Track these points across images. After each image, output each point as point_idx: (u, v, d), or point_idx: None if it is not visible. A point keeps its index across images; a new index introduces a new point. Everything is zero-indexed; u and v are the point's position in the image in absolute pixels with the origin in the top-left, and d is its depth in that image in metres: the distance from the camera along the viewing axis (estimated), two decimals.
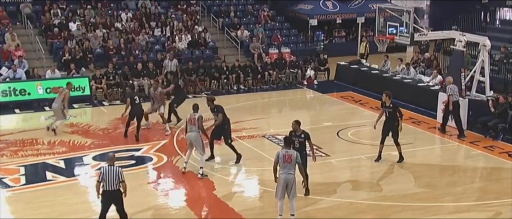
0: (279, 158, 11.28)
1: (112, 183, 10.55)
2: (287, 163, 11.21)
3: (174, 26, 26.36)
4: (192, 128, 13.97)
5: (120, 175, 10.57)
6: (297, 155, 11.31)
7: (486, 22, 30.12)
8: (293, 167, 11.26)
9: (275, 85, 23.83)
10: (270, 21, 28.80)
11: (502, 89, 21.11)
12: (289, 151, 11.30)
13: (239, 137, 16.83)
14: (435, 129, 18.00)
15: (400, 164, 14.86)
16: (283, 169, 11.28)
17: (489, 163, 15.30)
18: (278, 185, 11.34)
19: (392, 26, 19.06)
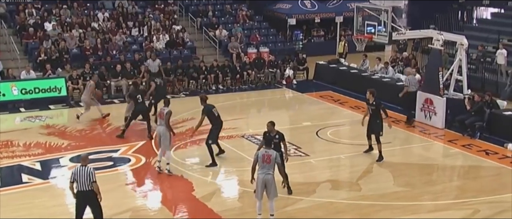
0: (258, 158, 11.28)
1: (83, 184, 10.45)
2: (266, 163, 11.22)
3: (152, 25, 26.24)
4: (161, 122, 14.13)
5: (91, 176, 10.40)
6: (277, 155, 11.32)
7: (463, 21, 30.45)
8: (272, 167, 11.27)
9: (253, 85, 23.84)
10: (249, 21, 28.81)
11: (479, 88, 21.35)
12: (268, 151, 11.31)
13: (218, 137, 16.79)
14: (414, 128, 18.15)
15: (379, 163, 14.97)
16: (262, 169, 11.29)
17: (467, 161, 15.47)
18: (257, 186, 11.36)
19: (370, 25, 19.17)
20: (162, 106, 14.45)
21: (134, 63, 22.82)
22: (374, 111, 14.98)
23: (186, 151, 15.96)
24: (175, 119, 18.34)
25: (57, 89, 21.07)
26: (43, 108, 20.05)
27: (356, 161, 15.19)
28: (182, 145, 16.26)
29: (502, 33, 24.64)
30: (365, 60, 23.83)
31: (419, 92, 18.66)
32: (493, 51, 23.26)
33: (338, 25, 29.23)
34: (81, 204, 10.67)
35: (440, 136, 17.40)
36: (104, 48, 24.18)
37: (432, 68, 18.37)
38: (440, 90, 17.95)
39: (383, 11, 18.63)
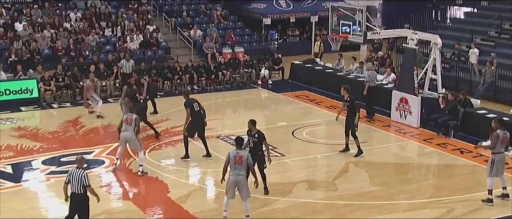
0: (230, 159, 11.28)
1: (76, 186, 10.38)
2: (238, 164, 11.22)
3: (125, 26, 26.07)
4: (127, 128, 14.17)
5: (84, 179, 10.36)
6: (248, 155, 11.31)
7: (437, 20, 30.78)
8: (243, 168, 11.28)
9: (229, 86, 23.82)
10: (223, 21, 28.77)
11: (453, 87, 21.59)
12: (240, 152, 11.31)
13: (194, 138, 16.73)
14: (389, 127, 18.28)
15: (358, 158, 15.07)
16: (233, 170, 11.30)
17: (442, 160, 15.62)
18: (229, 187, 11.37)
19: (345, 25, 19.25)
20: (128, 113, 14.44)
21: (107, 64, 22.64)
22: (349, 107, 15.16)
23: (161, 152, 15.89)
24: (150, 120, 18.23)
25: (29, 90, 20.81)
26: (14, 110, 19.79)
27: (333, 161, 15.25)
28: (157, 146, 16.17)
29: (475, 32, 25.01)
30: (340, 60, 23.93)
31: (394, 92, 18.81)
32: (467, 50, 23.52)
33: (313, 25, 29.32)
34: (72, 206, 10.60)
35: (415, 135, 17.55)
36: (77, 49, 23.96)
37: (407, 67, 18.52)
38: (415, 89, 18.10)
39: (358, 10, 18.74)
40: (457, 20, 29.47)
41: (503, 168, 12.59)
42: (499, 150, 12.41)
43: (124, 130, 14.19)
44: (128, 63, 21.98)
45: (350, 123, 15.18)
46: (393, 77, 21.08)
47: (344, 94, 15.33)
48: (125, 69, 21.84)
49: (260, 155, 12.62)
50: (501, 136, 12.34)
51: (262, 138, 12.60)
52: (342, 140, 15.67)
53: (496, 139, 12.35)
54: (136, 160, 15.01)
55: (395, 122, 18.64)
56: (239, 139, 11.58)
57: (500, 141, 12.35)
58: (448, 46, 23.72)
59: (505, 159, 12.75)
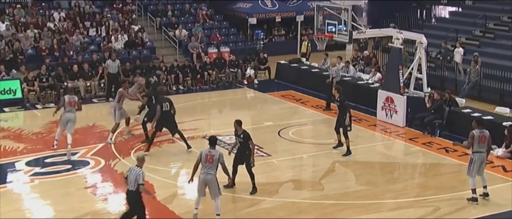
0: (202, 157, 11.36)
1: (131, 183, 10.69)
2: (209, 163, 11.34)
3: (110, 25, 25.97)
4: (72, 109, 15.32)
5: (139, 177, 10.61)
6: (220, 155, 11.39)
7: (423, 20, 30.99)
8: (214, 167, 11.39)
9: (214, 85, 23.81)
10: (209, 20, 28.75)
11: (439, 86, 21.75)
12: (212, 151, 11.43)
13: (179, 138, 16.73)
14: (375, 127, 18.38)
15: (346, 158, 15.16)
16: (204, 168, 11.45)
17: (427, 159, 15.73)
18: (199, 185, 11.50)
19: (331, 24, 19.29)
20: (73, 95, 15.54)
21: (92, 64, 22.54)
22: (339, 107, 15.32)
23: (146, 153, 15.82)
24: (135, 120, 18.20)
25: (12, 91, 20.68)
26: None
27: (319, 161, 15.30)
28: (142, 147, 16.12)
29: (460, 31, 25.20)
30: (326, 59, 23.99)
31: (379, 91, 18.90)
32: (452, 49, 23.68)
33: (299, 24, 29.38)
34: (128, 203, 10.89)
35: (401, 134, 17.66)
36: (61, 49, 23.83)
37: (393, 67, 18.61)
38: (401, 88, 18.21)
39: (343, 10, 18.79)
40: (442, 19, 29.68)
41: (482, 167, 12.58)
42: (478, 150, 12.45)
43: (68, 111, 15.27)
44: (114, 63, 21.84)
45: (341, 122, 15.38)
46: (378, 76, 21.18)
47: (335, 94, 15.67)
48: (111, 70, 21.73)
49: (247, 155, 12.69)
50: (476, 136, 12.40)
51: (247, 138, 12.65)
52: (328, 139, 15.75)
53: (472, 139, 12.42)
54: (122, 161, 15.01)
55: (381, 121, 18.73)
56: (212, 138, 11.69)
57: (477, 141, 12.40)
58: (433, 45, 23.91)
59: (486, 158, 12.71)
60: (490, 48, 24.03)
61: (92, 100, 21.30)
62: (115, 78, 21.25)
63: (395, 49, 18.63)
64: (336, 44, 26.54)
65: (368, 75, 21.76)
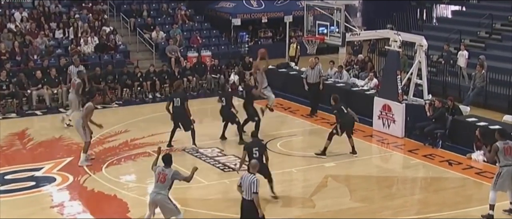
0: (154, 176, 11.43)
1: (246, 192, 10.94)
2: (160, 182, 11.34)
3: (79, 27, 25.90)
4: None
5: (253, 185, 10.87)
6: (174, 173, 11.32)
7: (423, 20, 31.16)
8: (166, 187, 11.36)
9: (195, 93, 23.79)
10: (188, 21, 28.76)
11: (441, 92, 21.85)
12: (165, 170, 11.38)
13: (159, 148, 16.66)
14: (371, 137, 18.44)
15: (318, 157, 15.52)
16: (154, 188, 11.46)
17: (429, 172, 15.80)
18: (148, 204, 11.55)
19: (322, 25, 19.36)
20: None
21: (59, 70, 22.42)
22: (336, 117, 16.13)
23: (120, 167, 15.80)
24: (108, 132, 18.16)
25: None
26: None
27: (310, 175, 15.32)
28: (115, 161, 16.08)
29: (463, 33, 25.18)
30: (317, 63, 24.00)
31: (376, 98, 18.98)
32: (455, 52, 23.79)
33: (287, 25, 29.43)
34: (243, 213, 11.12)
35: (400, 145, 17.73)
36: (23, 53, 23.70)
37: (390, 71, 18.70)
38: (399, 95, 18.29)
39: (336, 10, 18.89)
40: (444, 19, 29.86)
41: (511, 181, 12.66)
42: (506, 162, 12.55)
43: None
44: (77, 69, 20.98)
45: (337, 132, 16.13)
46: (375, 82, 21.27)
47: (332, 103, 16.37)
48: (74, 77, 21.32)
49: (265, 164, 13.23)
50: (501, 148, 12.53)
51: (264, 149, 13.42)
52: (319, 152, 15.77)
53: (495, 152, 12.55)
54: (92, 177, 14.95)
55: (377, 131, 18.79)
56: (166, 157, 11.60)
57: (502, 153, 12.52)
58: (435, 48, 24.03)
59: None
60: (497, 50, 24.16)
61: (58, 109, 21.18)
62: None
63: (393, 52, 18.72)
64: (328, 47, 26.62)
65: (363, 81, 21.85)
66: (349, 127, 16.43)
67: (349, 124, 16.41)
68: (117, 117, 20.21)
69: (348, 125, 16.39)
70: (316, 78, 20.65)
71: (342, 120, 16.24)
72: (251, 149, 13.29)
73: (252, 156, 13.19)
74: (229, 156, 16.59)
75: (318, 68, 21.00)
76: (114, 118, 20.08)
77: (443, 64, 23.43)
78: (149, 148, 17.01)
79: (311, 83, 20.70)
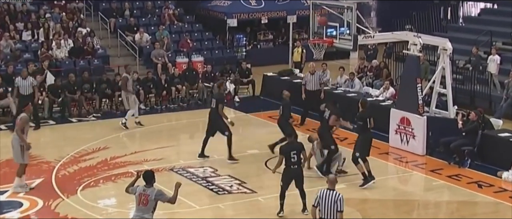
0: (135, 197, 11.32)
1: (329, 210, 10.95)
2: (143, 205, 11.19)
3: (50, 28, 25.88)
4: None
5: (340, 203, 10.96)
6: (157, 193, 11.23)
7: (447, 20, 31.10)
8: (149, 210, 11.25)
9: (185, 104, 23.78)
10: (177, 22, 28.77)
11: (468, 103, 21.78)
12: (147, 190, 11.25)
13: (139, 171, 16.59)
14: (387, 155, 18.39)
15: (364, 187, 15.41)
16: (136, 212, 11.36)
17: (455, 196, 15.73)
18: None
19: (330, 26, 19.35)
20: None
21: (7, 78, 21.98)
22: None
23: (98, 190, 15.74)
24: (84, 149, 18.12)
25: None
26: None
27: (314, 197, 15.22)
28: (93, 183, 16.03)
29: (495, 34, 25.13)
30: (325, 70, 24.01)
31: (393, 110, 18.95)
32: (485, 57, 23.74)
33: (291, 26, 29.45)
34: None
35: (421, 164, 17.68)
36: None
37: (409, 79, 18.67)
38: (419, 107, 18.25)
39: (347, 8, 18.89)
40: (471, 19, 29.86)
41: None
42: None
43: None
44: (25, 81, 20.16)
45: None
46: (391, 92, 21.24)
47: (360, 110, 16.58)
48: (23, 90, 20.12)
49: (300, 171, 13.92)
50: None
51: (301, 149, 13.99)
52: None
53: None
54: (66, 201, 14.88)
55: (394, 148, 18.75)
56: (147, 174, 11.46)
57: None
58: (461, 52, 23.99)
59: None
60: None
61: None
62: (27, 102, 18.10)
63: (412, 57, 18.71)
64: (337, 52, 26.64)
65: (378, 91, 21.83)
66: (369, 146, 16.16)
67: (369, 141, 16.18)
68: (95, 131, 20.15)
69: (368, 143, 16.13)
70: (317, 85, 20.80)
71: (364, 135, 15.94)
72: (288, 152, 13.71)
73: (290, 160, 13.61)
74: (224, 176, 16.52)
75: (318, 74, 21.28)
76: (91, 133, 20.04)
77: (471, 71, 23.41)
78: (131, 167, 16.94)
79: (311, 90, 20.77)
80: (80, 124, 21.20)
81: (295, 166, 13.86)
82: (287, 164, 13.90)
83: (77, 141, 19.04)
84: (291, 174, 13.92)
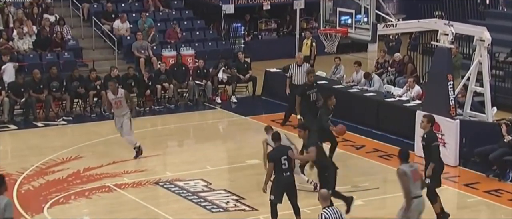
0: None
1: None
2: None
3: (10, 14, 25.90)
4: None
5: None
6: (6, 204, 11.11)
7: (485, 5, 31.02)
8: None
9: (172, 105, 23.80)
10: (163, 9, 28.79)
11: (510, 104, 21.73)
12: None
13: (119, 184, 16.66)
14: None
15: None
16: None
17: (495, 214, 15.73)
18: None
19: (345, 14, 19.36)
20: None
21: None
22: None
23: (69, 207, 15.75)
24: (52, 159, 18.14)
25: None
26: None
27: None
28: (63, 199, 16.02)
29: None
30: (339, 65, 24.04)
31: (419, 113, 18.92)
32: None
33: (297, 14, 29.46)
34: None
35: (452, 177, 17.67)
36: None
37: (438, 76, 18.68)
38: (451, 109, 18.26)
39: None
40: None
41: None
42: None
43: None
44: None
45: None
46: (417, 91, 21.23)
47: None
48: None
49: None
50: None
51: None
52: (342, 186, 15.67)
53: None
54: None
55: (421, 157, 18.68)
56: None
57: None
58: (502, 43, 23.90)
59: None
60: None
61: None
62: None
63: (442, 50, 18.71)
64: (353, 44, 26.64)
65: (402, 90, 21.83)
66: None
67: None
68: (65, 138, 20.17)
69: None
70: (304, 79, 20.80)
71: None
72: (278, 158, 13.63)
73: (281, 167, 13.52)
74: (218, 191, 16.52)
75: (306, 65, 21.55)
76: (60, 140, 20.06)
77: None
78: (109, 180, 16.93)
79: (297, 85, 20.85)
80: (47, 129, 21.21)
81: (288, 173, 13.78)
82: (278, 172, 13.79)
83: (43, 149, 19.03)
84: (283, 183, 13.85)
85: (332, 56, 23.48)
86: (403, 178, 12.53)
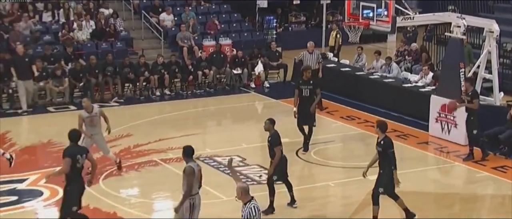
0: None
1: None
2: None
3: (71, 9, 26.00)
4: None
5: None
6: None
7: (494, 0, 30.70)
8: None
9: (212, 90, 23.81)
10: (204, 3, 28.75)
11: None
12: None
13: (165, 159, 16.69)
14: (427, 145, 18.27)
15: None
16: None
17: (501, 189, 15.56)
18: None
19: (367, 7, 19.27)
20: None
21: (48, 59, 22.44)
22: None
23: (120, 179, 15.82)
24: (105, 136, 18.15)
25: None
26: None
27: (350, 190, 15.19)
28: (115, 171, 16.08)
29: None
30: (361, 54, 23.98)
31: (433, 97, 18.81)
32: None
33: (324, 8, 29.38)
34: None
35: (463, 155, 17.51)
36: (3, 39, 23.84)
37: (451, 64, 18.55)
38: (463, 94, 18.09)
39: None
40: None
41: None
42: None
43: None
44: None
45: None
46: (431, 77, 21.11)
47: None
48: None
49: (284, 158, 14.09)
50: None
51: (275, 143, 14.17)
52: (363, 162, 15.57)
53: None
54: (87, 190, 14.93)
55: (434, 137, 18.62)
56: None
57: None
58: (509, 34, 23.68)
59: None
60: None
61: (46, 108, 21.27)
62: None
63: (455, 40, 18.57)
64: (374, 35, 26.46)
65: (417, 76, 21.70)
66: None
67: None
68: (117, 118, 20.15)
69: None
70: (315, 65, 21.00)
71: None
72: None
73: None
74: (253, 166, 16.52)
75: (317, 52, 21.72)
76: (113, 119, 19.94)
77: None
78: (155, 156, 17.00)
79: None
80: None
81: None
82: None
83: None
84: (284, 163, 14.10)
85: (355, 46, 23.43)
86: (190, 177, 11.85)
